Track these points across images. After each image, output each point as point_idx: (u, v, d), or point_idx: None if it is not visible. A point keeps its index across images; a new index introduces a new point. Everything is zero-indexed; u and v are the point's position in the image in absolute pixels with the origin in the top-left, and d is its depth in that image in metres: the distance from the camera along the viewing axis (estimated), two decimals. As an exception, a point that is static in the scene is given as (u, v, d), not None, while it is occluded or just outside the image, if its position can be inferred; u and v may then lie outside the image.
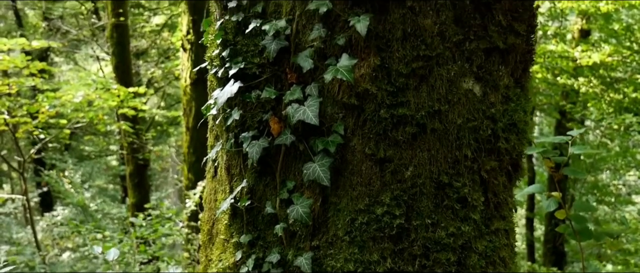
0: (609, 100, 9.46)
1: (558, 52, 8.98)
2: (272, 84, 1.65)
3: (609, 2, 7.96)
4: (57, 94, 8.19)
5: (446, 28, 1.56)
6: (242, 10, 1.66)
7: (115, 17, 9.58)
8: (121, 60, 9.97)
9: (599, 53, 8.69)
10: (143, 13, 13.09)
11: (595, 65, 8.99)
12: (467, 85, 1.61)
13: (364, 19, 1.50)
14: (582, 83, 9.36)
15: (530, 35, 1.72)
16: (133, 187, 9.89)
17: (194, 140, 7.88)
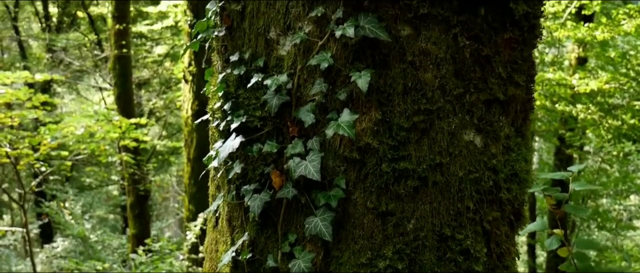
0: (607, 127, 9.48)
1: (556, 79, 9.03)
2: (274, 137, 1.66)
3: (604, 30, 8.03)
4: (59, 126, 8.22)
5: (446, 81, 1.57)
6: (243, 64, 1.68)
7: (118, 49, 9.66)
8: (123, 91, 10.02)
9: (596, 80, 8.73)
10: (145, 43, 13.22)
11: (593, 92, 9.03)
12: (468, 137, 1.62)
13: (365, 75, 1.51)
14: (580, 110, 9.38)
15: (529, 84, 1.74)
16: (134, 218, 9.85)
17: (195, 171, 7.88)
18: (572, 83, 8.89)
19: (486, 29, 1.58)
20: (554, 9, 8.23)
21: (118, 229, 12.93)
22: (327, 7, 1.55)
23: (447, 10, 1.53)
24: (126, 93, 9.96)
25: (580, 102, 9.46)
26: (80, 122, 8.32)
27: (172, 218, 13.34)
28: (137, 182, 9.56)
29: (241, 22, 1.69)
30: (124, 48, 9.62)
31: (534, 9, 1.65)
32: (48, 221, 11.95)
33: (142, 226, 9.97)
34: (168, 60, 12.89)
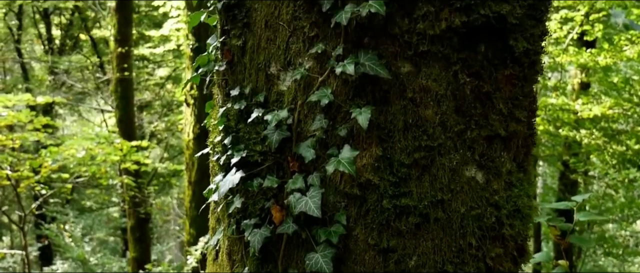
0: (611, 152, 9.46)
1: (559, 104, 9.03)
2: (274, 171, 1.65)
3: (607, 56, 8.05)
4: (60, 149, 8.22)
5: (447, 118, 1.57)
6: (244, 98, 1.68)
7: (120, 72, 9.71)
8: (125, 113, 10.05)
9: (599, 106, 8.73)
10: (147, 66, 13.29)
11: (597, 117, 9.02)
12: (469, 173, 1.60)
13: (366, 112, 1.51)
14: (584, 135, 9.37)
15: (531, 119, 1.73)
16: (134, 241, 9.80)
17: (196, 195, 7.86)
18: (575, 108, 8.89)
19: (486, 66, 1.58)
20: (556, 35, 8.27)
21: (118, 252, 12.85)
22: (327, 44, 1.55)
23: (447, 47, 1.53)
24: (128, 115, 9.99)
25: (584, 127, 9.45)
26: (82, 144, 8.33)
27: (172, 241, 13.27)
28: (137, 204, 9.53)
29: (242, 56, 1.69)
30: (126, 71, 9.67)
31: (534, 46, 1.65)
32: (48, 243, 11.89)
33: (142, 249, 9.91)
34: (170, 82, 12.95)
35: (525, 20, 1.61)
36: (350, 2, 1.51)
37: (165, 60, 13.04)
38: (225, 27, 1.71)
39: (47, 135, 8.58)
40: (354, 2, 1.51)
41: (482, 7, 1.52)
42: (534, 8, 1.63)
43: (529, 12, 1.62)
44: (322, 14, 1.53)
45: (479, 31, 1.55)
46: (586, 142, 9.43)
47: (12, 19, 12.97)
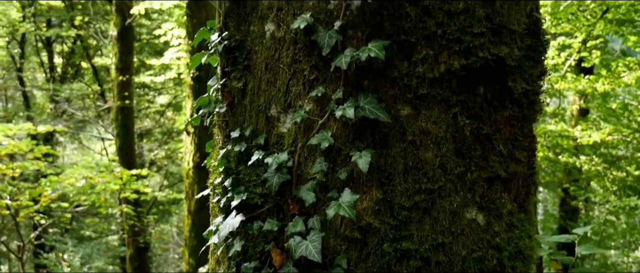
0: (612, 178, 9.44)
1: (558, 131, 9.04)
2: (274, 214, 1.65)
3: (605, 82, 8.09)
4: (59, 178, 8.21)
5: (447, 160, 1.57)
6: (244, 140, 1.68)
7: (121, 100, 9.75)
8: (125, 141, 10.06)
9: (599, 132, 8.74)
10: (148, 93, 13.35)
11: (596, 143, 9.02)
12: (470, 215, 1.60)
13: (366, 155, 1.51)
14: (584, 161, 9.36)
15: (531, 159, 1.73)
16: (133, 270, 9.72)
17: (195, 224, 7.81)
18: (574, 134, 8.89)
19: (486, 108, 1.59)
20: (553, 62, 8.32)
21: (117, 281, 12.72)
22: (327, 87, 1.56)
23: (446, 90, 1.54)
24: (128, 144, 10.00)
25: (584, 153, 9.45)
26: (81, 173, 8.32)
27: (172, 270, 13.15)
28: (137, 233, 9.48)
29: (242, 98, 1.70)
30: (127, 99, 9.71)
31: (533, 86, 1.65)
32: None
33: (141, 278, 9.81)
34: (170, 109, 12.98)
35: (524, 62, 1.62)
36: (349, 46, 1.53)
37: (166, 87, 13.10)
38: (226, 69, 1.72)
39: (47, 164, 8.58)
40: (353, 47, 1.52)
41: (480, 50, 1.53)
42: (533, 49, 1.64)
43: (527, 53, 1.63)
44: (322, 57, 1.55)
45: (477, 73, 1.56)
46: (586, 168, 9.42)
47: (15, 47, 13.07)
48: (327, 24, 1.55)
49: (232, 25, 1.70)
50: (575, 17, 6.93)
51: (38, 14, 12.20)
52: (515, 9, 1.60)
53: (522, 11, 1.62)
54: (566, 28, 7.84)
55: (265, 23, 1.64)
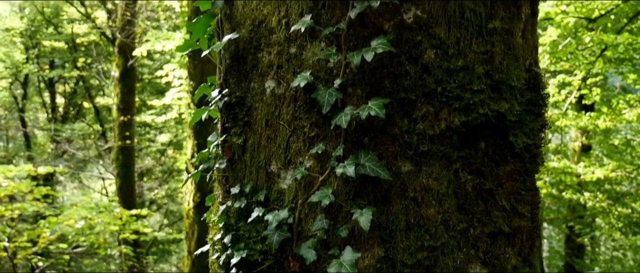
0: (617, 215, 9.36)
1: (561, 168, 9.02)
2: (275, 271, 1.62)
3: (606, 119, 8.11)
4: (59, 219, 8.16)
5: (450, 217, 1.55)
6: (244, 196, 1.67)
7: (122, 140, 9.77)
8: (125, 181, 10.04)
9: (602, 169, 8.71)
10: (149, 132, 13.38)
11: (600, 180, 8.99)
12: (474, 271, 1.57)
13: (367, 212, 1.49)
14: (588, 198, 9.31)
15: (534, 213, 1.71)
16: (132, 312, 9.56)
17: (195, 265, 7.72)
18: (577, 171, 8.86)
19: (487, 163, 1.58)
20: (554, 99, 8.36)
21: (115, 322, 12.49)
22: (328, 144, 1.55)
23: (447, 146, 1.53)
24: (128, 184, 9.97)
25: (588, 189, 9.40)
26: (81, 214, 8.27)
27: (171, 311, 12.94)
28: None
29: (242, 154, 1.69)
30: (128, 139, 9.73)
31: (534, 140, 1.65)
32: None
33: (140, 321, 9.65)
34: (171, 148, 12.99)
35: (524, 116, 1.61)
36: (349, 104, 1.53)
37: (167, 126, 13.14)
38: (226, 124, 1.72)
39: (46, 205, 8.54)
40: (353, 104, 1.52)
41: (480, 106, 1.53)
42: (533, 103, 1.64)
43: (527, 108, 1.63)
44: (322, 115, 1.54)
45: (478, 129, 1.56)
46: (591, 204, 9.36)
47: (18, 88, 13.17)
48: (327, 82, 1.55)
49: (232, 82, 1.71)
50: (574, 56, 6.99)
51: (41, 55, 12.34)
52: (514, 65, 1.60)
53: (521, 67, 1.63)
54: (565, 66, 7.91)
55: (266, 80, 1.64)
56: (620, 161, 9.04)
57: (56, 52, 12.41)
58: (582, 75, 7.72)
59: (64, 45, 12.28)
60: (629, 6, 7.44)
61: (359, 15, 1.51)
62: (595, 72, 7.72)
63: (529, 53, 1.70)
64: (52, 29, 12.42)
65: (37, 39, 12.60)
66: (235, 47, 1.71)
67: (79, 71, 11.78)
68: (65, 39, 12.34)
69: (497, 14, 1.59)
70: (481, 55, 1.55)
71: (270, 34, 1.64)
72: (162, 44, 8.32)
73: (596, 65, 7.22)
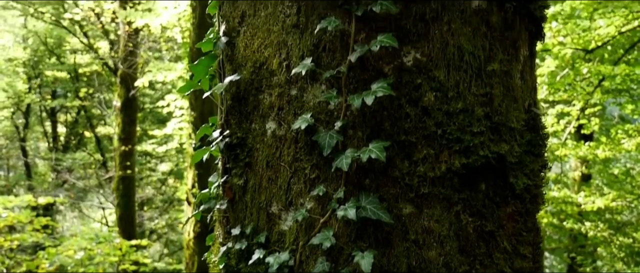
0: (619, 245, 9.30)
1: (561, 197, 9.00)
2: (276, 314, 1.61)
3: (605, 149, 8.11)
4: (58, 250, 8.11)
5: (451, 259, 1.54)
6: (245, 238, 1.67)
7: (123, 170, 9.77)
8: (126, 211, 10.00)
9: (602, 198, 8.69)
10: (150, 161, 13.38)
11: (600, 209, 8.96)
12: (476, 314, 1.56)
13: (368, 255, 1.48)
14: (589, 228, 9.26)
15: (536, 254, 1.70)
16: None
17: (195, 297, 7.64)
18: (578, 201, 8.84)
19: (488, 204, 1.58)
20: (553, 129, 8.38)
21: None
22: (329, 186, 1.56)
23: (448, 188, 1.54)
24: (128, 213, 9.94)
25: (588, 219, 9.37)
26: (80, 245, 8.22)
27: None
28: (135, 306, 9.25)
29: (243, 195, 1.70)
30: (129, 169, 9.73)
31: (534, 180, 1.65)
32: None
33: None
34: (172, 177, 12.98)
35: (525, 157, 1.62)
36: (350, 146, 1.54)
37: (168, 155, 13.15)
38: (227, 165, 1.73)
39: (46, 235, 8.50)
40: (354, 147, 1.53)
41: (481, 148, 1.54)
42: (532, 144, 1.65)
43: (527, 149, 1.64)
44: (323, 156, 1.55)
45: (479, 171, 1.56)
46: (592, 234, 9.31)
47: (20, 117, 13.22)
48: (328, 124, 1.56)
49: (233, 123, 1.72)
50: (572, 87, 7.04)
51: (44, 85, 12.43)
52: (513, 106, 1.62)
53: (521, 108, 1.64)
54: (564, 96, 7.95)
55: (267, 121, 1.66)
56: (621, 190, 9.02)
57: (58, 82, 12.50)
58: (581, 106, 7.76)
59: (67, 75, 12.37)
60: (625, 37, 7.51)
61: (359, 59, 1.53)
62: (593, 102, 7.76)
63: (528, 94, 1.71)
64: (54, 59, 12.53)
65: (40, 69, 12.71)
66: (237, 88, 1.72)
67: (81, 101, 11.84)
68: (67, 69, 12.44)
69: (496, 56, 1.61)
70: (480, 98, 1.57)
71: (272, 76, 1.66)
72: (163, 74, 8.38)
73: (594, 96, 7.26)
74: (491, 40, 1.61)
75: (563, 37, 7.49)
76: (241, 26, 1.73)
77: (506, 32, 1.64)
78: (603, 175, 9.39)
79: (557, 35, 7.50)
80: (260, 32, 1.69)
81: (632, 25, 7.08)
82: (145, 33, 9.80)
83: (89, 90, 11.81)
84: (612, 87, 7.02)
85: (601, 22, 6.98)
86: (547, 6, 1.77)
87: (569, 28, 7.11)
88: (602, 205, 8.59)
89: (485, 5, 1.61)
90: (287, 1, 1.63)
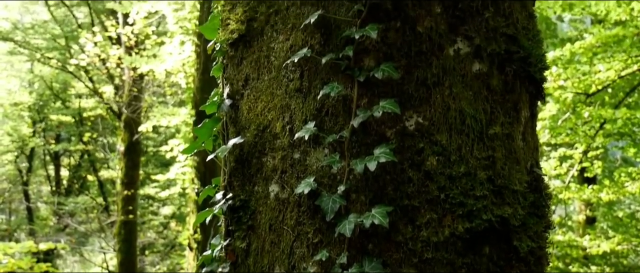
0: (627, 290, 9.14)
1: (566, 241, 8.90)
2: None
3: (609, 192, 8.07)
4: (58, 297, 8.01)
5: (456, 325, 1.52)
6: (248, 302, 1.65)
7: (125, 214, 9.73)
8: (127, 256, 9.91)
9: (608, 242, 8.60)
10: (152, 204, 13.33)
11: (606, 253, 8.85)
12: None
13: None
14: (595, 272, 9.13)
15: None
16: None
17: None
18: (583, 244, 8.75)
19: (492, 268, 1.57)
20: (556, 172, 8.36)
21: None
22: (332, 251, 1.55)
23: (451, 253, 1.53)
24: (129, 259, 9.85)
25: (594, 263, 9.24)
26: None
27: None
28: None
29: (246, 258, 1.69)
30: (131, 213, 9.69)
31: (539, 242, 1.64)
32: None
33: None
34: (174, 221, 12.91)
35: (528, 219, 1.62)
36: (353, 211, 1.54)
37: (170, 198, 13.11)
38: (230, 227, 1.73)
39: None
40: (357, 212, 1.53)
41: (484, 212, 1.54)
42: (536, 206, 1.65)
43: (531, 211, 1.63)
44: (326, 221, 1.55)
45: (482, 235, 1.56)
46: (599, 279, 9.17)
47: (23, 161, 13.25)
48: (331, 188, 1.57)
49: (236, 185, 1.73)
50: (573, 131, 7.05)
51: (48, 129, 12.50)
52: (515, 168, 1.62)
53: (523, 170, 1.65)
54: (566, 139, 7.96)
55: (270, 184, 1.66)
56: (626, 234, 8.93)
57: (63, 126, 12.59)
58: (583, 149, 7.76)
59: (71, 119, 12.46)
60: (625, 81, 7.58)
61: (361, 124, 1.55)
62: (595, 146, 7.76)
63: (530, 155, 1.72)
64: (59, 103, 12.65)
65: (45, 112, 12.81)
66: (240, 151, 1.74)
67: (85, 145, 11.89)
68: (72, 113, 12.55)
69: (497, 119, 1.63)
70: (483, 161, 1.57)
71: (275, 139, 1.67)
72: (167, 119, 8.43)
73: (596, 139, 7.26)
74: (492, 104, 1.63)
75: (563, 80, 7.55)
76: (245, 89, 1.76)
77: (507, 95, 1.66)
78: (608, 218, 9.31)
79: (558, 79, 7.56)
80: (263, 95, 1.71)
81: (631, 69, 7.15)
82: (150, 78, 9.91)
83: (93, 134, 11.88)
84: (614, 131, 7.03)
85: (601, 66, 7.05)
86: (547, 67, 1.79)
87: (570, 72, 7.17)
88: (607, 248, 8.49)
89: (485, 69, 1.63)
90: (291, 66, 1.66)
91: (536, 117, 1.80)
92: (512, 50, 1.66)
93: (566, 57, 7.08)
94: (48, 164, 13.26)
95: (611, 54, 6.97)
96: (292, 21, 1.68)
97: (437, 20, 1.61)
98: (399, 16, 1.60)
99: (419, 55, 1.59)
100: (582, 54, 7.00)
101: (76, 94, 12.61)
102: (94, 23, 11.65)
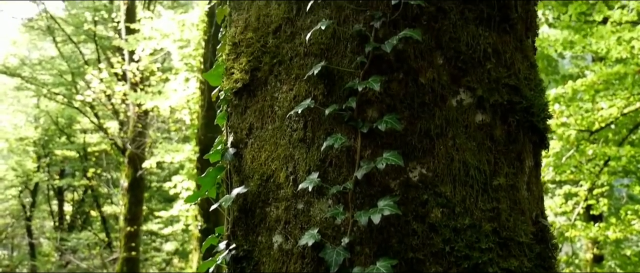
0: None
1: (574, 280, 8.76)
2: None
3: (616, 230, 7.98)
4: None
5: None
6: None
7: (127, 251, 9.66)
8: (128, 294, 9.80)
9: (617, 282, 8.47)
10: (155, 240, 13.25)
11: (616, 293, 8.70)
12: None
13: None
14: (605, 311, 8.96)
15: None
16: None
17: None
18: (591, 284, 8.61)
19: (500, 322, 1.54)
20: (562, 209, 8.30)
21: None
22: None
23: (458, 307, 1.51)
24: (132, 296, 9.73)
25: (603, 301, 9.08)
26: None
27: None
28: None
29: (249, 310, 1.67)
30: (134, 250, 9.63)
31: (546, 294, 1.62)
32: None
33: None
34: (177, 257, 12.80)
35: (535, 271, 1.60)
36: (357, 263, 1.52)
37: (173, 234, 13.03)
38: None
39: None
40: (361, 264, 1.51)
41: (490, 265, 1.52)
42: (542, 257, 1.63)
43: (537, 262, 1.62)
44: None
45: (488, 287, 1.54)
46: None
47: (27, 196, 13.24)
48: (335, 239, 1.56)
49: (240, 235, 1.72)
50: (578, 169, 7.03)
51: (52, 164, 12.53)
52: (521, 219, 1.61)
53: (528, 220, 1.64)
54: (570, 176, 7.92)
55: (273, 235, 1.65)
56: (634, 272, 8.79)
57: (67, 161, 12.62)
58: (588, 186, 7.71)
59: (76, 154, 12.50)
60: (628, 118, 7.58)
61: (365, 175, 1.54)
62: (600, 183, 7.71)
63: (535, 204, 1.71)
64: (64, 138, 12.70)
65: (50, 147, 12.86)
66: (244, 201, 1.73)
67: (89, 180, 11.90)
68: (77, 148, 12.60)
69: (502, 170, 1.62)
70: (488, 213, 1.56)
71: (278, 189, 1.67)
72: (171, 155, 8.45)
73: (601, 177, 7.23)
74: (496, 154, 1.63)
75: (566, 117, 7.56)
76: (249, 138, 1.77)
77: (511, 145, 1.66)
78: (615, 256, 9.20)
79: (560, 116, 7.57)
80: (267, 144, 1.72)
81: (634, 106, 7.16)
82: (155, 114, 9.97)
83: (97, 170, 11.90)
84: (619, 168, 7.00)
85: (603, 104, 7.07)
86: (550, 116, 1.80)
87: (572, 109, 7.19)
88: (617, 289, 8.35)
89: (488, 120, 1.63)
90: (294, 116, 1.67)
91: (540, 166, 1.80)
92: (514, 100, 1.67)
93: (568, 95, 7.11)
94: (51, 199, 13.25)
95: (613, 91, 7.00)
96: (295, 72, 1.70)
97: (440, 72, 1.62)
98: (402, 68, 1.61)
99: (421, 107, 1.59)
100: (584, 91, 7.03)
101: (81, 129, 12.68)
102: (100, 59, 11.80)
